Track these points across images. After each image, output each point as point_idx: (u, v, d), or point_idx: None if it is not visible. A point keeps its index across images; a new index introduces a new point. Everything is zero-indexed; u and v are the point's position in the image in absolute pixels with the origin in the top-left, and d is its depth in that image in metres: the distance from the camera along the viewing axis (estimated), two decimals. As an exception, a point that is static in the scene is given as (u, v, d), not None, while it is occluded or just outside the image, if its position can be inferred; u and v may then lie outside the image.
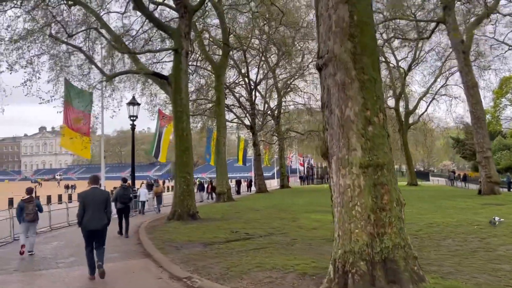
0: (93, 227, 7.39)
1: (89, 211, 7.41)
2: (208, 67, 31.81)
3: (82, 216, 7.41)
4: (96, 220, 7.41)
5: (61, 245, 11.92)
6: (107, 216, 7.61)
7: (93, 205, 7.47)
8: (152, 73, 17.19)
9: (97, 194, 7.69)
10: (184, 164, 15.70)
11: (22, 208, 10.12)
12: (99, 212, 7.48)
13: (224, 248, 9.23)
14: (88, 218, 7.38)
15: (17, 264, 9.27)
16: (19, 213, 10.20)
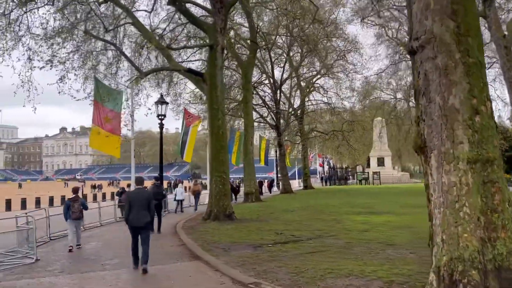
0: (137, 224, 7.98)
1: (134, 209, 8.01)
2: (231, 65, 31.38)
3: (128, 213, 8.09)
4: (140, 218, 7.96)
5: (100, 245, 11.58)
6: (150, 214, 8.11)
7: (138, 204, 8.03)
8: (187, 70, 16.79)
9: (141, 194, 8.29)
10: (220, 163, 15.23)
11: (69, 207, 10.60)
12: (143, 210, 8.02)
13: (276, 251, 8.69)
14: (133, 215, 8.00)
15: (60, 265, 8.90)
16: (66, 211, 10.66)
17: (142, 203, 8.05)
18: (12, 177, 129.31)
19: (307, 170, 46.13)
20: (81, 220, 10.88)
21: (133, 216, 7.98)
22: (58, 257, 9.85)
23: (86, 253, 10.39)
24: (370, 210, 16.64)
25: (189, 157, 30.60)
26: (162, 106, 23.70)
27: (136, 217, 7.97)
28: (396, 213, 15.10)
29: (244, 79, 25.71)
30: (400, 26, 40.67)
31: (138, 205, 8.03)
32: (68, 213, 10.52)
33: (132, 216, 8.00)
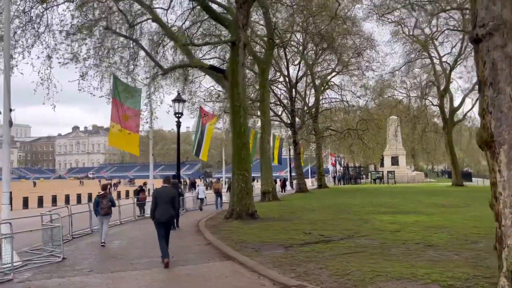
0: (163, 220, 8.46)
1: (160, 206, 8.49)
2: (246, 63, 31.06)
3: (154, 210, 8.53)
4: (165, 214, 8.46)
5: (124, 244, 11.41)
6: (174, 211, 8.74)
7: (163, 200, 8.52)
8: (208, 66, 16.56)
9: (167, 191, 8.76)
10: (242, 161, 14.96)
11: (98, 203, 11.08)
12: (168, 206, 8.51)
13: (310, 251, 8.40)
14: (159, 211, 8.46)
15: (88, 264, 8.73)
16: (95, 208, 11.19)
17: (167, 200, 8.54)
18: (25, 176, 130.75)
19: (321, 169, 45.68)
20: (109, 216, 11.27)
21: (159, 211, 8.45)
22: (84, 256, 9.70)
23: (112, 251, 10.23)
24: (394, 209, 16.25)
25: (205, 156, 30.42)
26: (179, 104, 23.58)
27: (162, 213, 8.44)
28: (423, 213, 14.70)
29: (261, 77, 25.40)
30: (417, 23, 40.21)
31: (164, 202, 8.50)
32: (97, 209, 11.01)
33: (158, 211, 8.46)
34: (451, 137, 42.42)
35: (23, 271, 8.30)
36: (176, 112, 23.83)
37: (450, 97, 43.58)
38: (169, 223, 8.69)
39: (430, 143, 50.12)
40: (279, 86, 37.63)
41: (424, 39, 40.95)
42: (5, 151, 9.65)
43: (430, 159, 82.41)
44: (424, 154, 66.93)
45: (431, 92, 46.76)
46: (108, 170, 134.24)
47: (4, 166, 9.53)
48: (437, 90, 43.22)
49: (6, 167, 9.49)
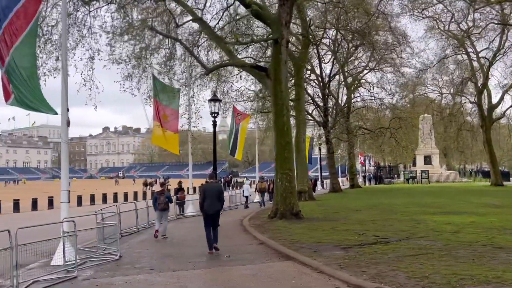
0: (210, 212, 9.38)
1: (208, 199, 9.41)
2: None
3: (203, 203, 9.49)
4: (213, 207, 9.38)
5: (175, 242, 11.47)
6: (220, 204, 9.66)
7: (211, 195, 9.45)
8: (251, 65, 16.49)
9: (213, 187, 9.82)
10: (286, 160, 14.80)
11: (156, 199, 12.07)
12: (215, 200, 9.44)
13: (372, 253, 8.16)
14: (207, 205, 9.38)
15: (147, 262, 8.77)
16: (154, 203, 12.17)
17: (214, 195, 9.48)
18: (59, 175, 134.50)
19: (354, 169, 45.08)
20: (167, 211, 12.18)
21: (207, 205, 9.38)
22: (139, 254, 9.77)
23: (166, 250, 10.23)
24: (443, 210, 15.76)
25: (240, 155, 30.48)
26: (215, 103, 23.67)
27: (210, 206, 9.36)
28: (476, 214, 14.17)
29: (296, 75, 25.14)
30: (453, 18, 39.02)
31: (212, 196, 9.43)
32: (156, 205, 11.99)
33: (207, 205, 9.38)
34: (489, 135, 41.02)
35: (84, 268, 8.40)
36: (212, 112, 23.96)
37: (488, 93, 42.12)
38: (216, 215, 9.49)
39: (466, 141, 48.67)
40: (311, 84, 37.28)
41: (461, 34, 39.72)
42: (63, 151, 9.82)
43: (464, 158, 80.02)
44: (457, 153, 65.05)
45: (465, 89, 45.32)
46: (137, 169, 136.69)
47: (62, 165, 9.70)
48: (475, 86, 41.86)
49: (65, 166, 9.65)
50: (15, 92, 9.36)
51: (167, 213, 12.26)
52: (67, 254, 8.80)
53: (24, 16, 9.53)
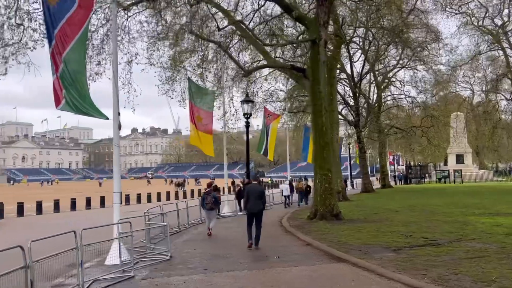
0: (253, 211, 10.20)
1: (251, 199, 10.22)
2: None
3: (246, 203, 10.36)
4: (255, 206, 10.20)
5: (220, 243, 11.64)
6: (262, 204, 10.38)
7: (254, 195, 10.24)
8: (289, 66, 16.54)
9: (256, 188, 10.67)
10: (325, 161, 14.77)
11: (204, 199, 12.69)
12: (258, 200, 10.22)
13: (425, 255, 8.07)
14: (250, 204, 10.24)
15: (198, 262, 8.93)
16: (202, 202, 12.82)
17: (257, 195, 10.27)
18: (90, 176, 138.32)
19: (385, 169, 44.49)
20: (214, 211, 12.89)
21: (250, 204, 10.22)
22: (188, 254, 9.96)
23: (214, 250, 10.38)
24: (487, 211, 15.37)
25: (272, 155, 30.52)
26: (247, 104, 23.81)
27: (253, 206, 10.17)
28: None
29: (328, 75, 24.94)
30: (487, 13, 37.85)
31: (254, 196, 10.22)
32: (204, 204, 12.60)
33: (250, 205, 10.23)
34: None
35: (138, 268, 8.63)
36: (245, 113, 24.11)
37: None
38: (258, 214, 10.26)
39: (501, 140, 47.23)
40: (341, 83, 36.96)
41: (495, 29, 38.52)
42: (115, 153, 10.12)
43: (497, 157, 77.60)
44: (490, 151, 63.13)
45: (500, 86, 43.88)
46: (165, 170, 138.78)
47: (114, 167, 9.99)
48: (511, 83, 40.50)
49: (117, 169, 9.94)
50: (68, 96, 9.68)
51: (214, 213, 12.98)
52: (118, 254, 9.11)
53: (75, 23, 9.83)
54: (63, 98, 9.80)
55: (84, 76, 10.28)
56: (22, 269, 5.50)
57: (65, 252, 6.94)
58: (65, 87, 9.73)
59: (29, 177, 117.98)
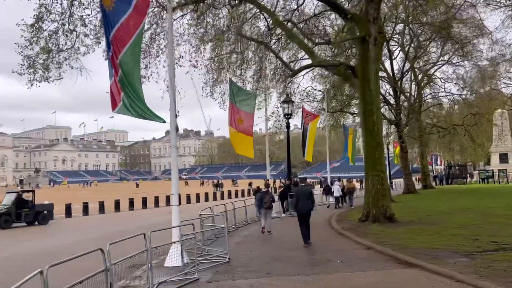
0: (303, 212, 10.79)
1: (301, 200, 10.83)
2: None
3: (296, 204, 11.05)
4: (305, 207, 10.77)
5: (274, 244, 11.45)
6: (312, 204, 11.01)
7: (303, 196, 10.85)
8: (338, 64, 16.18)
9: (305, 189, 11.42)
10: (377, 162, 14.35)
11: (261, 198, 13.20)
12: (307, 201, 10.80)
13: (503, 261, 7.61)
14: (300, 205, 10.83)
15: (257, 265, 8.79)
16: (259, 202, 13.30)
17: (306, 196, 10.87)
18: (126, 177, 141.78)
19: (426, 169, 43.17)
20: (271, 210, 13.37)
21: (301, 205, 10.78)
22: (246, 256, 9.87)
23: (271, 253, 10.22)
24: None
25: (310, 156, 30.12)
26: (288, 105, 23.56)
27: (303, 206, 10.73)
28: None
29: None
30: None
31: (304, 197, 10.81)
32: (261, 204, 13.07)
33: (300, 205, 10.80)
34: None
35: (200, 270, 8.56)
36: (285, 114, 23.86)
37: None
38: (308, 214, 10.85)
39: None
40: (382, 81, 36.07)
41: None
42: (173, 155, 10.14)
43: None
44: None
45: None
46: (198, 171, 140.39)
47: (172, 169, 10.00)
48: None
49: (175, 170, 9.94)
50: (125, 99, 9.76)
51: (271, 212, 13.49)
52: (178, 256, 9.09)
53: (130, 27, 9.89)
54: (121, 101, 9.89)
55: (139, 79, 10.35)
56: (103, 272, 5.51)
57: (136, 255, 6.94)
58: (124, 90, 9.82)
59: (69, 179, 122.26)
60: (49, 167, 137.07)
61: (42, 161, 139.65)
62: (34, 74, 13.39)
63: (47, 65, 14.03)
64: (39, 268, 4.23)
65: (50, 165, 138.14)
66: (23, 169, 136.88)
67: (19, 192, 21.25)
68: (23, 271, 4.86)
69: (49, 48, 13.79)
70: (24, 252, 12.76)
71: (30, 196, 20.75)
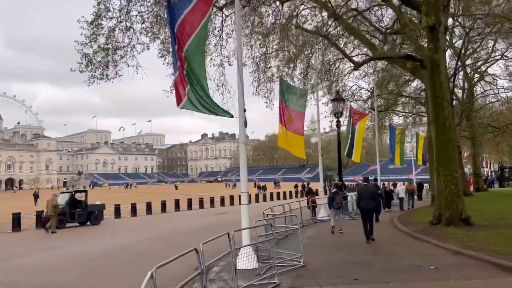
0: (366, 209, 11.42)
1: (364, 199, 11.49)
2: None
3: (359, 202, 11.69)
4: (368, 205, 11.43)
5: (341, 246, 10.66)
6: (374, 203, 11.74)
7: (366, 195, 11.57)
8: (404, 56, 15.23)
9: (368, 189, 12.04)
10: (449, 160, 13.27)
11: (333, 198, 13.44)
12: (370, 200, 11.47)
13: None
14: (363, 204, 11.49)
15: (339, 270, 8.06)
16: (330, 202, 13.55)
17: (369, 195, 11.59)
18: (164, 179, 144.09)
19: (479, 171, 40.86)
20: (340, 210, 13.70)
21: (364, 203, 11.47)
22: (318, 260, 9.19)
23: (344, 256, 9.48)
24: None
25: (358, 157, 28.93)
26: (338, 103, 22.68)
27: (365, 204, 11.42)
28: None
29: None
30: None
31: (366, 196, 11.53)
32: (332, 204, 13.36)
33: (363, 203, 11.49)
34: None
35: (276, 275, 7.92)
36: (335, 112, 22.97)
37: None
38: (371, 212, 11.52)
39: None
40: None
41: None
42: (241, 151, 9.58)
43: None
44: None
45: None
46: (234, 174, 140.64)
47: (241, 166, 9.43)
48: None
49: (243, 167, 9.38)
50: (192, 94, 9.32)
51: (340, 211, 13.75)
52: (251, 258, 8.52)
53: (195, 19, 9.47)
54: (185, 95, 9.47)
55: (204, 73, 9.90)
56: (198, 275, 4.98)
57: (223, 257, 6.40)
58: (189, 83, 9.40)
59: (109, 181, 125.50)
60: (90, 169, 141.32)
61: (84, 164, 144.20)
62: (95, 71, 13.29)
63: (107, 62, 13.93)
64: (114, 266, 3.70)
65: (91, 168, 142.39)
66: (66, 171, 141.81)
67: (72, 192, 21.44)
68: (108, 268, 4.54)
69: (107, 46, 13.68)
70: (94, 251, 12.59)
71: (83, 196, 20.88)
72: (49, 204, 18.27)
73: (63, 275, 9.14)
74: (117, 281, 8.55)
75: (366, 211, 11.35)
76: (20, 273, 9.59)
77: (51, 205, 18.19)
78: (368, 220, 11.37)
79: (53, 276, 9.09)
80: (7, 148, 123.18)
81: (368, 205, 11.33)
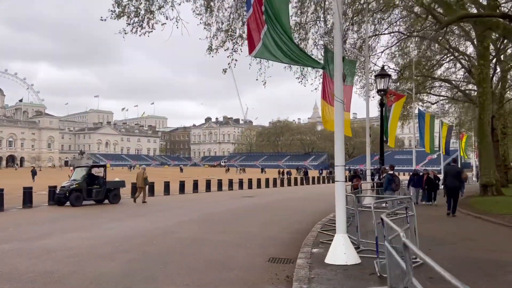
0: (450, 186, 12.61)
1: (449, 178, 12.76)
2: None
3: (445, 180, 13.10)
4: (452, 183, 12.59)
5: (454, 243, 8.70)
6: (459, 182, 13.05)
7: (451, 174, 12.83)
8: (501, 15, 12.90)
9: (453, 169, 13.16)
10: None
11: (389, 180, 13.77)
12: (453, 179, 12.63)
13: None
14: (448, 182, 12.71)
15: (472, 271, 6.09)
16: (386, 185, 13.86)
17: (453, 174, 12.67)
18: (166, 162, 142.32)
19: (507, 162, 38.78)
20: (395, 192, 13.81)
21: (448, 181, 12.63)
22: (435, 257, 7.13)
23: (461, 252, 7.52)
24: None
25: (393, 142, 26.94)
26: (383, 79, 20.61)
27: (450, 183, 12.53)
28: None
29: (481, 46, 20.86)
30: None
31: (451, 175, 12.69)
32: (389, 186, 13.70)
33: (448, 181, 12.64)
34: None
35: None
36: (379, 89, 20.88)
37: None
38: (454, 189, 12.67)
39: None
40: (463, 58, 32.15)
41: None
42: (337, 110, 7.55)
43: None
44: None
45: None
46: (237, 159, 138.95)
47: (336, 138, 7.42)
48: None
49: (340, 138, 7.35)
50: (269, 38, 7.33)
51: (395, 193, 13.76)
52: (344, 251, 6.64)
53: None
54: (260, 40, 7.41)
55: (287, 13, 7.81)
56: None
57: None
58: (269, 24, 7.35)
59: (111, 162, 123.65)
60: (92, 149, 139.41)
61: (86, 143, 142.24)
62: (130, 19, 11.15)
63: (139, 12, 11.80)
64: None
65: (93, 148, 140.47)
66: (68, 150, 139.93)
67: (90, 166, 19.43)
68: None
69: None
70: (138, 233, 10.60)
71: (101, 172, 18.87)
72: (139, 177, 19.22)
73: (107, 264, 7.13)
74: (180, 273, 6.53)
75: (449, 188, 12.51)
76: (48, 260, 7.52)
77: (141, 177, 19.12)
78: (452, 197, 12.56)
79: (94, 265, 7.08)
80: (8, 124, 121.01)
81: (451, 183, 12.48)
